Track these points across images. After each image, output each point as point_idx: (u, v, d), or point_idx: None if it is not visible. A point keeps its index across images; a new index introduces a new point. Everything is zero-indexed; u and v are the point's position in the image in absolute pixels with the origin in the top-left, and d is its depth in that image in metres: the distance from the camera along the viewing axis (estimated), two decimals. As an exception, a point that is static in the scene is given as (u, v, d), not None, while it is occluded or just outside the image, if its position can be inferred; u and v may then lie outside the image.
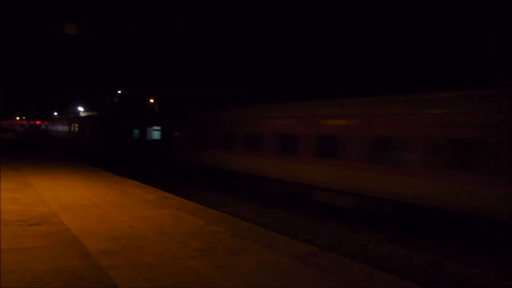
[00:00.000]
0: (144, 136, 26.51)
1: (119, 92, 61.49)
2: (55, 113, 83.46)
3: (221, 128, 19.25)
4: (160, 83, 61.77)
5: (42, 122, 78.17)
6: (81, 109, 72.57)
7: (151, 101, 53.30)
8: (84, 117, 50.34)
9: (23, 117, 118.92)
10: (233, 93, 37.15)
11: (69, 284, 5.02)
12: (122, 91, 60.98)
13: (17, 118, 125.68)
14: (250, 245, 7.08)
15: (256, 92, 36.46)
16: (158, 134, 25.21)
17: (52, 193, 11.65)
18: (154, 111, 30.13)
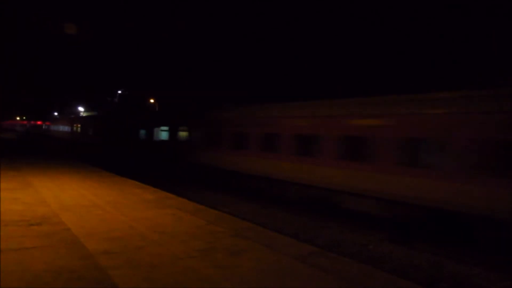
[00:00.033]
0: (150, 136, 25.50)
1: (119, 92, 61.55)
2: (55, 113, 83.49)
3: (238, 128, 17.94)
4: (160, 83, 61.81)
5: (43, 122, 77.59)
6: (81, 109, 72.62)
7: (151, 101, 53.32)
8: (87, 117, 49.23)
9: (23, 117, 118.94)
10: (233, 93, 37.16)
11: (69, 284, 5.02)
12: (122, 91, 61.03)
13: (17, 118, 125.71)
14: (250, 245, 7.08)
15: (256, 92, 36.48)
16: (166, 135, 24.04)
17: (52, 193, 11.66)
18: (162, 111, 28.19)
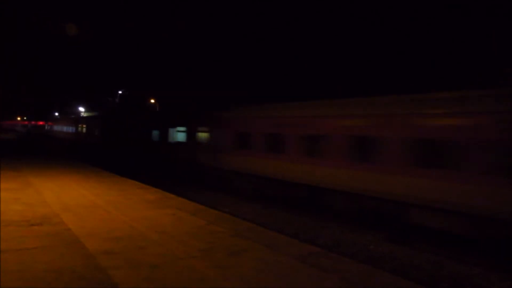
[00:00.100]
0: (165, 138, 23.77)
1: (120, 92, 61.60)
2: (56, 114, 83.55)
3: (273, 129, 15.87)
4: (160, 83, 61.84)
5: (46, 123, 76.79)
6: (81, 109, 72.62)
7: (151, 101, 53.33)
8: (92, 117, 47.30)
9: (24, 118, 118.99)
10: (233, 93, 37.13)
11: (70, 284, 5.03)
12: (123, 91, 61.06)
13: (18, 119, 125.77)
14: (251, 245, 7.09)
15: (256, 92, 36.46)
16: (183, 136, 22.05)
17: (53, 193, 11.67)
18: (178, 110, 26.11)
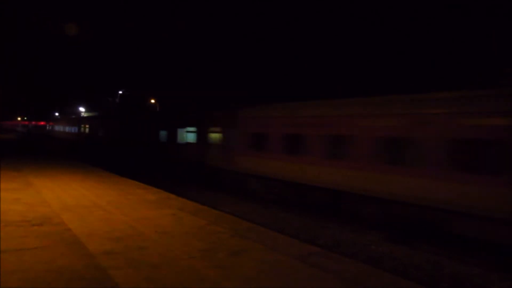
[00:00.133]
0: (173, 138, 22.79)
1: (120, 92, 61.62)
2: (56, 114, 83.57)
3: (293, 129, 14.78)
4: (160, 83, 61.88)
5: (47, 123, 76.10)
6: (82, 109, 72.62)
7: (152, 101, 53.33)
8: (96, 116, 46.36)
9: (25, 118, 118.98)
10: (233, 93, 37.13)
11: (70, 284, 5.03)
12: (123, 91, 61.09)
13: (18, 119, 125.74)
14: (251, 245, 7.09)
15: (256, 92, 36.45)
16: (193, 137, 20.97)
17: (53, 193, 11.67)
18: (188, 109, 25.12)
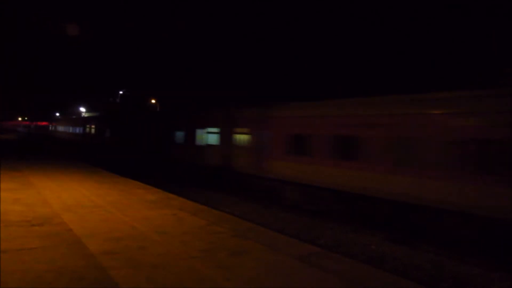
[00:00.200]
0: (191, 140, 21.23)
1: (120, 92, 61.67)
2: (57, 114, 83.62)
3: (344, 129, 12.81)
4: (160, 83, 61.83)
5: (50, 123, 75.36)
6: (82, 109, 72.65)
7: (152, 101, 53.34)
8: (102, 116, 44.96)
9: (25, 118, 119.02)
10: (233, 93, 37.13)
11: (71, 284, 5.03)
12: (123, 91, 61.14)
13: (19, 119, 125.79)
14: (252, 245, 7.09)
15: (256, 92, 36.45)
16: (215, 138, 19.28)
17: (54, 193, 11.67)
18: (205, 108, 23.46)
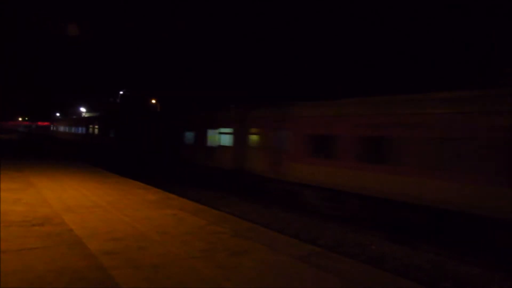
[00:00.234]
0: (202, 141, 20.40)
1: (121, 92, 61.67)
2: (57, 114, 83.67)
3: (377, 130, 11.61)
4: (160, 83, 61.88)
5: (51, 123, 74.99)
6: (83, 109, 72.69)
7: (152, 101, 53.32)
8: (106, 116, 44.14)
9: (26, 118, 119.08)
10: (233, 93, 37.16)
11: (72, 284, 5.04)
12: (124, 91, 61.13)
13: (19, 119, 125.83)
14: (252, 245, 7.09)
15: (256, 92, 36.46)
16: (228, 139, 18.41)
17: (54, 193, 11.68)
18: (217, 108, 22.17)
